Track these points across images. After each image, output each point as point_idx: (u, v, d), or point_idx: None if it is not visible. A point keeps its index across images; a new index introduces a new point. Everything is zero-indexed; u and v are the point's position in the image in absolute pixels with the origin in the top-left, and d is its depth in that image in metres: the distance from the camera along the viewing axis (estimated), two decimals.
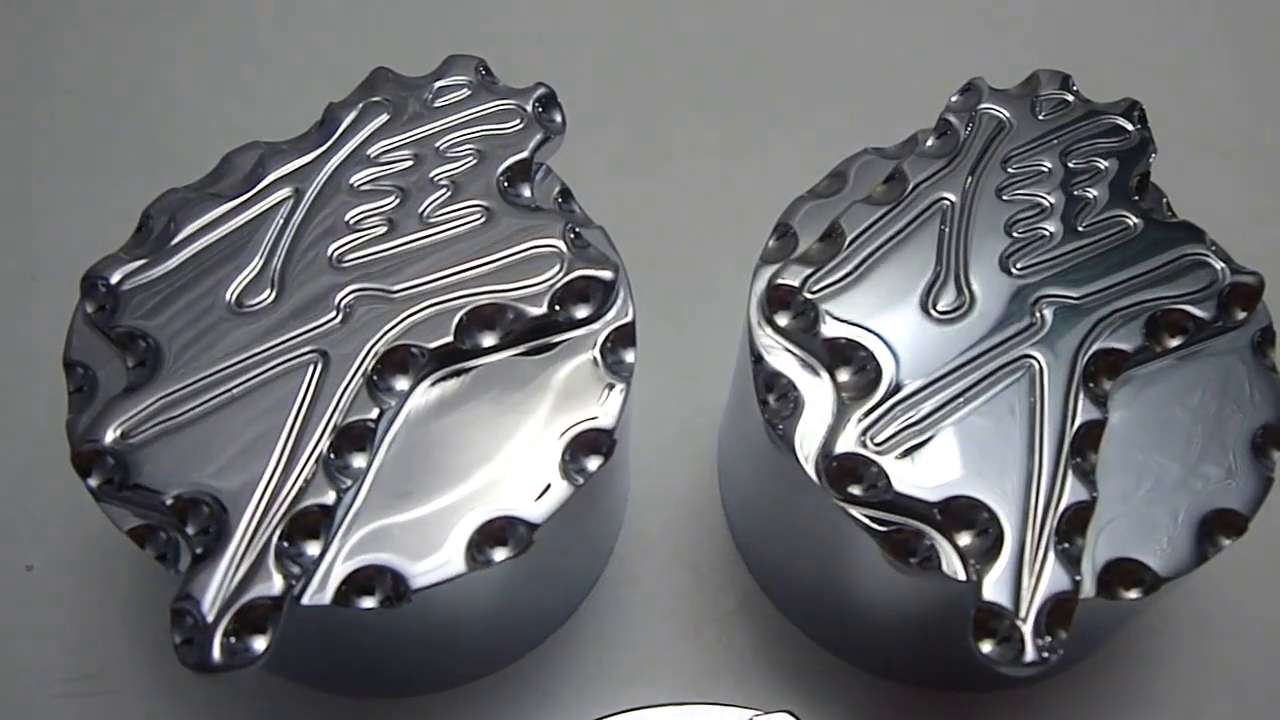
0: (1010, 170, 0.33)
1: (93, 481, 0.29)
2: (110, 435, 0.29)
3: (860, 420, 0.30)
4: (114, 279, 0.31)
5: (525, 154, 0.33)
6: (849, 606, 0.35)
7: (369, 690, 0.37)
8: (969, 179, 0.33)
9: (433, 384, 0.31)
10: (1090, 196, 0.33)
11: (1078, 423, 0.30)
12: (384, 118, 0.33)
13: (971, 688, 0.37)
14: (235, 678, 0.27)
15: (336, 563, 0.29)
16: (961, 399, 0.30)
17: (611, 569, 0.38)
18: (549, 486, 0.30)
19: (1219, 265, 0.32)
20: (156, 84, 0.48)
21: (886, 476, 0.29)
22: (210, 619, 0.27)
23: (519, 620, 0.36)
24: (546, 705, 0.36)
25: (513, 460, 0.30)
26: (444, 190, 0.32)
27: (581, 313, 0.31)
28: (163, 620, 0.36)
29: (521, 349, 0.31)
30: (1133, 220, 0.33)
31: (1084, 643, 0.36)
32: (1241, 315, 0.32)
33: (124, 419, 0.29)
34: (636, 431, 0.38)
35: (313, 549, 0.28)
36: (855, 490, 0.30)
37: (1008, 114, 0.34)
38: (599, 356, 0.31)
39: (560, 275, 0.31)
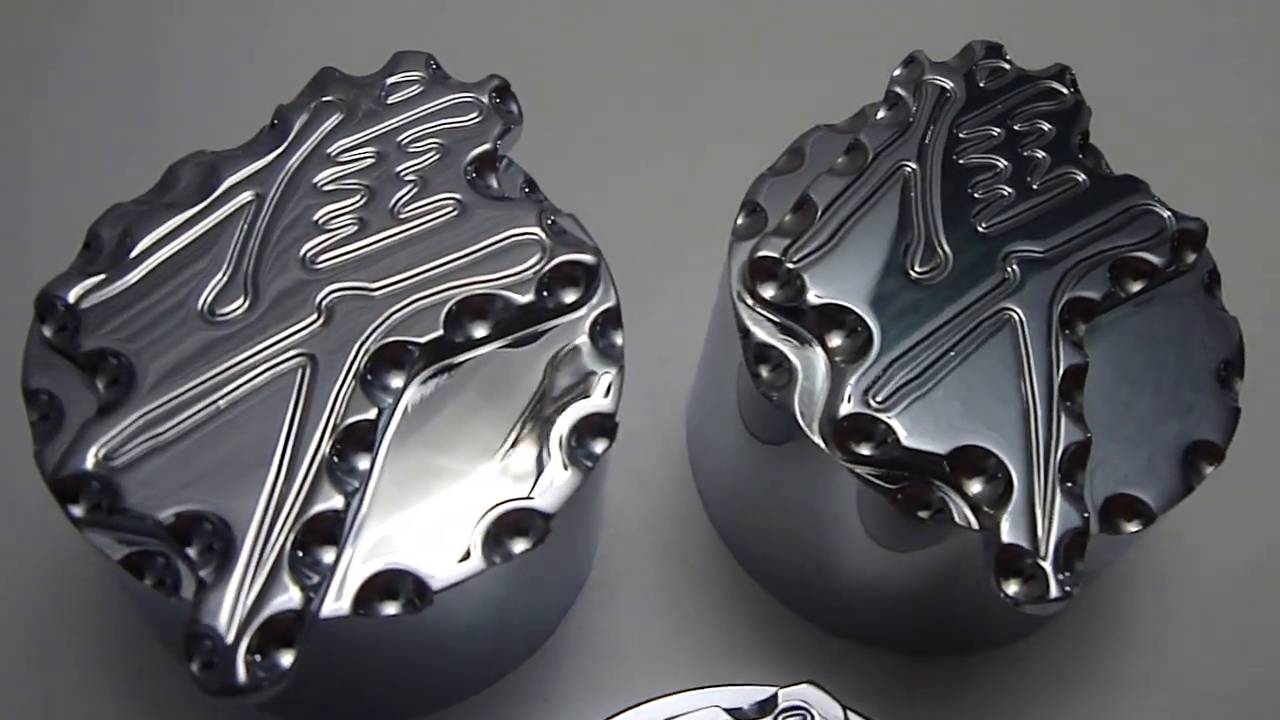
0: (961, 136, 0.34)
1: (77, 510, 0.28)
2: (91, 459, 0.27)
3: (858, 382, 0.30)
4: (71, 298, 0.29)
5: (489, 145, 0.32)
6: (839, 581, 0.36)
7: (363, 717, 0.35)
8: (924, 146, 0.34)
9: (425, 381, 0.30)
10: (1038, 157, 0.34)
11: (1062, 368, 0.31)
12: (338, 117, 0.32)
13: (959, 651, 0.38)
14: (262, 699, 0.26)
15: (351, 570, 0.28)
16: (952, 353, 0.31)
17: (596, 571, 0.38)
18: (559, 474, 0.29)
19: (1166, 214, 0.33)
20: (76, 98, 0.46)
21: (895, 433, 0.30)
22: (230, 640, 0.26)
23: (512, 631, 0.35)
24: (549, 710, 0.35)
25: (517, 451, 0.29)
26: (412, 185, 0.31)
27: (569, 297, 0.31)
28: (140, 674, 0.35)
29: (511, 339, 0.31)
30: (1080, 177, 0.34)
31: None
32: (1192, 258, 0.33)
33: (104, 441, 0.28)
34: None
35: (328, 556, 0.27)
36: (863, 450, 0.30)
37: (950, 84, 0.35)
38: (589, 340, 0.31)
39: (543, 262, 0.31)
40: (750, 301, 0.32)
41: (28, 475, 0.35)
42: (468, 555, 0.28)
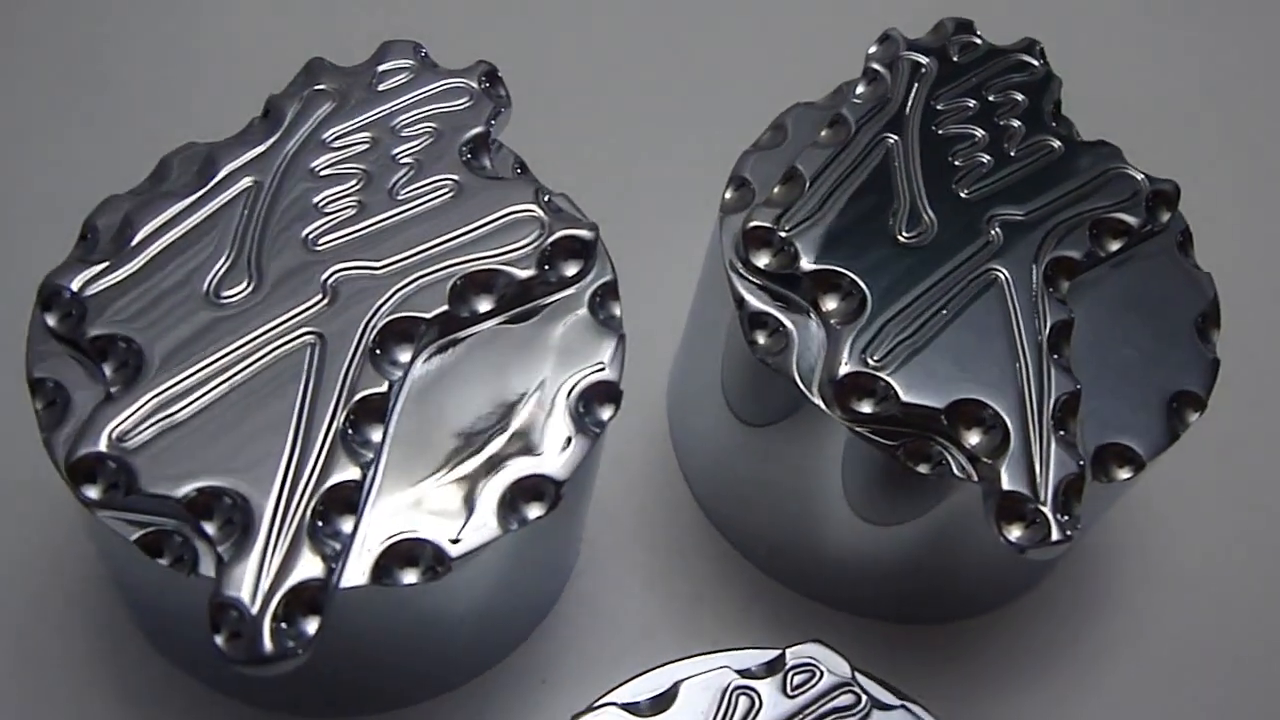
0: (938, 108, 0.35)
1: (92, 493, 0.28)
2: (104, 441, 0.28)
3: (855, 342, 0.31)
4: (75, 286, 0.30)
5: (482, 127, 0.33)
6: (826, 553, 0.37)
7: (357, 707, 0.35)
8: (904, 118, 0.35)
9: (430, 356, 0.30)
10: (1013, 126, 0.35)
11: (1049, 323, 0.32)
12: (330, 105, 0.33)
13: (945, 619, 0.38)
14: (289, 667, 0.26)
15: (369, 539, 0.28)
16: (944, 312, 0.32)
17: (585, 555, 0.38)
18: (569, 441, 0.30)
19: (1139, 176, 0.35)
20: (61, 93, 0.46)
21: (893, 389, 0.30)
22: (255, 610, 0.26)
23: (509, 612, 0.35)
24: (548, 690, 0.35)
25: (525, 420, 0.30)
26: (408, 168, 0.32)
27: (570, 270, 0.31)
28: (133, 673, 0.35)
29: (514, 313, 0.31)
30: (1055, 143, 0.35)
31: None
32: (1166, 218, 0.34)
33: (116, 423, 0.28)
34: None
35: (347, 525, 0.27)
36: (863, 409, 0.31)
37: (925, 59, 0.36)
38: (590, 313, 0.31)
39: (543, 237, 0.31)
40: (744, 271, 0.33)
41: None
42: (484, 522, 0.28)
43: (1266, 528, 0.41)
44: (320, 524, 0.27)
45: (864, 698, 0.29)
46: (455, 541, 0.28)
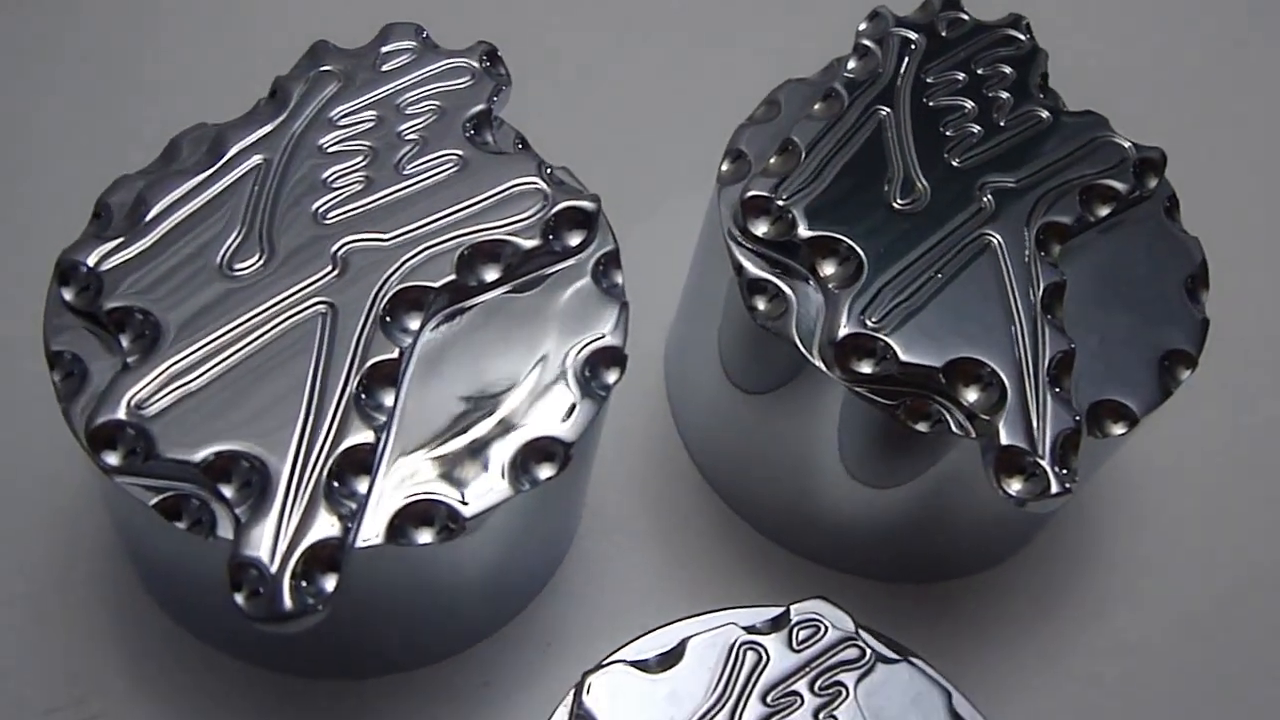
0: (928, 81, 0.36)
1: (112, 459, 0.28)
2: (123, 409, 0.28)
3: (854, 305, 0.32)
4: (91, 261, 0.30)
5: (484, 105, 0.34)
6: (823, 515, 0.37)
7: (367, 670, 0.36)
8: (895, 90, 0.36)
9: (439, 324, 0.31)
10: (1002, 97, 0.36)
11: (1042, 285, 0.32)
12: (336, 85, 0.34)
13: (940, 577, 0.39)
14: (308, 624, 0.27)
15: (384, 501, 0.29)
16: (939, 275, 0.32)
17: (585, 523, 0.39)
18: (575, 404, 0.30)
19: (1126, 144, 0.35)
20: (68, 78, 0.46)
21: (892, 349, 0.31)
22: (274, 569, 0.27)
23: (515, 576, 0.36)
24: (553, 654, 0.36)
25: (534, 385, 0.30)
26: (413, 144, 0.33)
27: (573, 240, 0.32)
28: (146, 638, 0.35)
29: (520, 282, 0.32)
30: (1043, 114, 0.36)
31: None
32: (1153, 183, 0.35)
33: (135, 391, 0.28)
34: None
35: (362, 486, 0.28)
36: (862, 369, 0.31)
37: (914, 35, 0.37)
38: (593, 281, 0.32)
39: (546, 208, 0.32)
40: (742, 239, 0.33)
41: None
42: (496, 482, 0.29)
43: (1255, 485, 0.42)
44: (336, 485, 0.28)
45: (868, 651, 0.30)
46: (468, 502, 0.29)
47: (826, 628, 0.30)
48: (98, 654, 0.35)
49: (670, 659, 0.29)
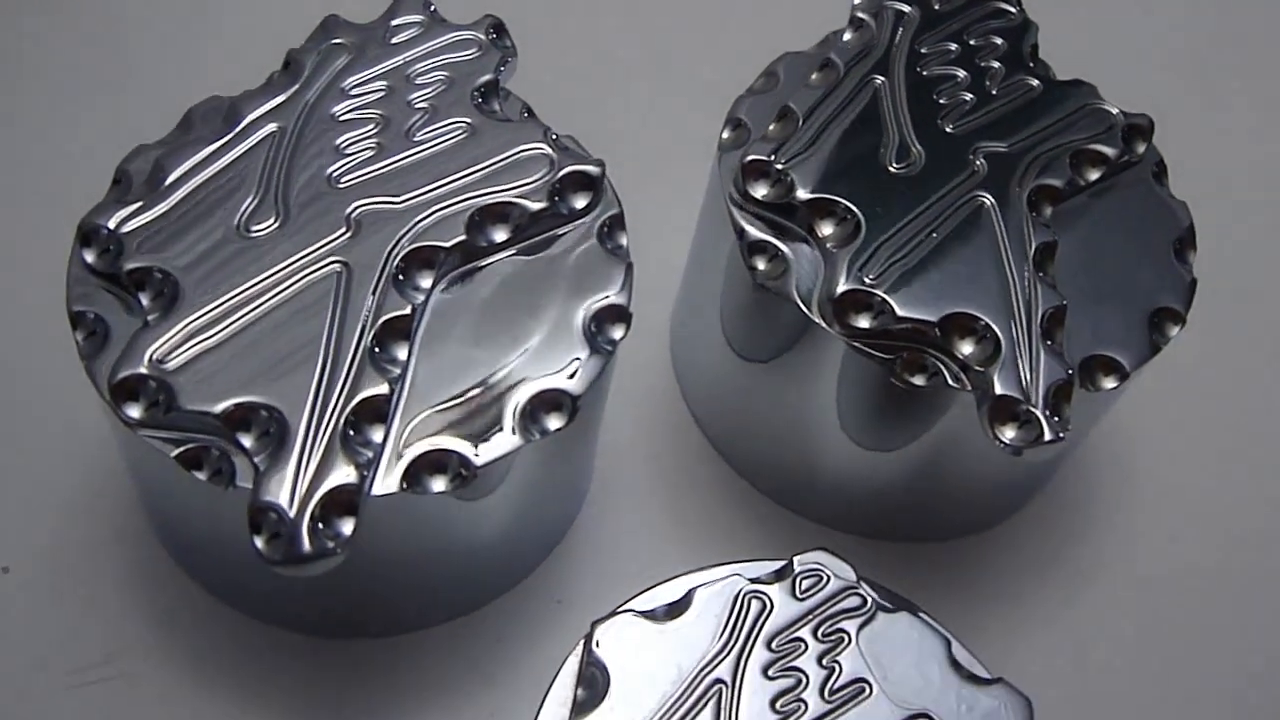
0: (922, 51, 0.37)
1: (134, 412, 0.29)
2: (145, 363, 0.29)
3: (851, 262, 0.33)
4: (112, 224, 0.31)
5: (491, 75, 0.35)
6: (824, 477, 0.38)
7: (384, 628, 0.37)
8: (890, 60, 0.37)
9: (452, 283, 0.32)
10: (994, 67, 0.37)
11: (1034, 244, 0.33)
12: (347, 57, 0.35)
13: (936, 538, 0.40)
14: (327, 566, 0.28)
15: (398, 451, 0.29)
16: (934, 234, 0.33)
17: (595, 485, 0.40)
18: (582, 359, 0.31)
19: (1115, 111, 0.36)
20: (86, 52, 0.47)
21: (889, 304, 0.32)
22: (293, 513, 0.28)
23: (525, 535, 0.37)
24: (563, 609, 0.37)
25: (543, 340, 0.31)
26: (423, 113, 0.34)
27: (579, 203, 0.33)
28: (168, 599, 0.36)
29: (528, 244, 0.33)
30: (1034, 82, 0.37)
31: (1039, 476, 0.39)
32: (1141, 149, 0.36)
33: (156, 347, 0.29)
34: None
35: (377, 435, 0.29)
36: (860, 323, 0.32)
37: (908, 8, 0.38)
38: (598, 243, 0.33)
39: (552, 172, 0.33)
40: (742, 202, 0.34)
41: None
42: (507, 433, 0.30)
43: (1246, 445, 0.43)
44: (352, 434, 0.29)
45: (869, 600, 0.30)
46: (479, 451, 0.30)
47: (829, 577, 0.31)
48: (124, 614, 0.36)
49: (677, 609, 0.30)
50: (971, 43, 0.37)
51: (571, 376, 0.31)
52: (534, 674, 0.31)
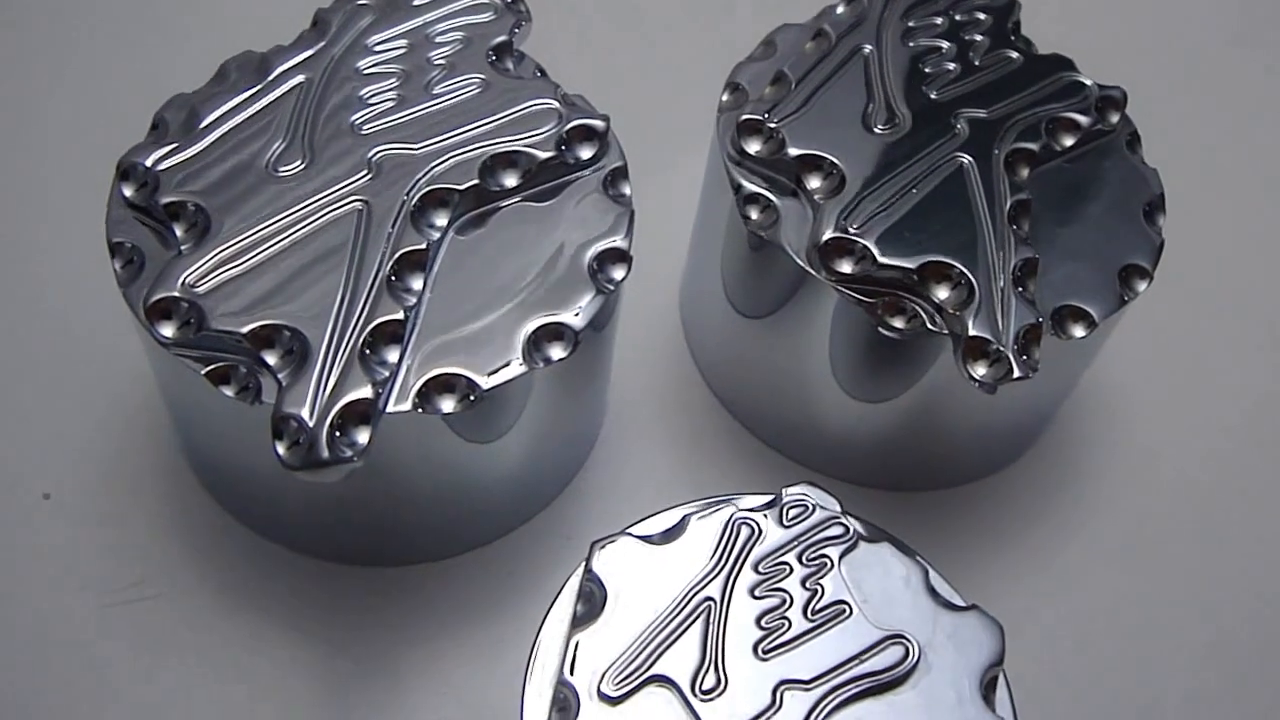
0: (910, 25, 0.39)
1: (167, 330, 0.31)
2: (178, 287, 0.32)
3: (837, 212, 0.35)
4: (149, 162, 0.34)
5: (506, 36, 0.37)
6: (823, 428, 0.40)
7: (402, 558, 0.39)
8: (880, 32, 0.39)
9: (465, 225, 0.34)
10: (978, 40, 0.39)
11: (1010, 201, 0.36)
12: (371, 17, 0.37)
13: (929, 487, 0.42)
14: (344, 472, 0.30)
15: (411, 374, 0.32)
16: (914, 190, 0.36)
17: (605, 431, 0.42)
18: (586, 296, 0.34)
19: (1090, 83, 0.39)
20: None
21: (871, 251, 0.34)
22: (313, 422, 0.30)
23: (538, 473, 0.39)
24: (571, 546, 0.39)
25: (549, 279, 0.34)
26: (441, 69, 0.36)
27: (585, 153, 0.35)
28: (198, 526, 0.39)
29: (537, 191, 0.35)
30: (1015, 55, 0.39)
31: (1025, 430, 0.42)
32: (1115, 119, 0.38)
33: (188, 272, 0.32)
34: None
35: (393, 356, 0.31)
36: (844, 269, 0.35)
37: None
38: (602, 191, 0.35)
39: (560, 125, 0.35)
40: (739, 158, 0.37)
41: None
42: (513, 360, 0.32)
43: (1222, 396, 0.45)
44: (369, 353, 0.31)
45: (851, 529, 0.32)
46: (487, 376, 0.32)
47: (814, 508, 0.33)
48: (155, 540, 0.39)
49: (673, 534, 0.32)
50: (957, 18, 0.40)
51: (576, 314, 0.33)
52: (541, 603, 0.33)
